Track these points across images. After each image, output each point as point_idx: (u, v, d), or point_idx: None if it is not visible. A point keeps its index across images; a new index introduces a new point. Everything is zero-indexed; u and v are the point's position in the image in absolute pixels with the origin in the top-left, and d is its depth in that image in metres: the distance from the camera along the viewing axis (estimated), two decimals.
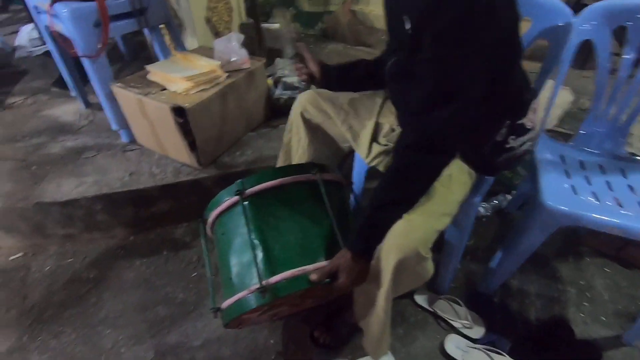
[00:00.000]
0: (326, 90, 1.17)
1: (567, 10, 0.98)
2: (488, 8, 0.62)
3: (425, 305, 1.24)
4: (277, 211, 0.91)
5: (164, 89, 1.38)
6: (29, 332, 1.21)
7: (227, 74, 1.45)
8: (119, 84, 1.39)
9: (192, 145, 1.38)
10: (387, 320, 0.88)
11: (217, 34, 2.12)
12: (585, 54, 1.50)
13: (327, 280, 0.80)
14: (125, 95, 1.39)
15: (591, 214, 0.92)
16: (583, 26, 1.04)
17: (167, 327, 1.22)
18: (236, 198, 0.91)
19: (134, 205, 1.44)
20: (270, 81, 1.66)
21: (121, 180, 1.43)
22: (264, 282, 0.81)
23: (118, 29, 1.44)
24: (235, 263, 0.90)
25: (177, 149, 1.42)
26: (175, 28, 1.71)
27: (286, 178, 0.92)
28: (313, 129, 1.15)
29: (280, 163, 1.29)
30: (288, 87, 1.67)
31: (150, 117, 1.37)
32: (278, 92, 1.66)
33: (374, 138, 1.13)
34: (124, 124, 1.55)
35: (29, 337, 1.20)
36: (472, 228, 1.07)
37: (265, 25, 2.25)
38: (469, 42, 0.64)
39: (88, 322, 1.24)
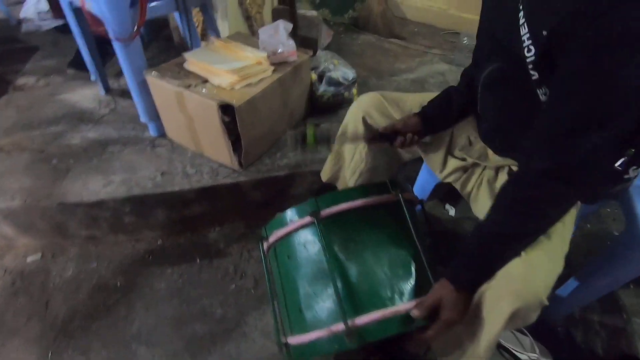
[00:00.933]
0: (391, 93, 1.05)
1: None
2: None
3: None
4: (359, 237, 0.79)
5: (206, 81, 1.24)
6: (53, 348, 1.10)
7: (273, 67, 1.31)
8: (154, 73, 1.24)
9: (234, 145, 1.25)
10: None
11: (248, 18, 1.95)
12: None
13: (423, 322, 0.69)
14: (162, 87, 1.24)
15: None
16: None
17: (207, 346, 1.11)
18: (310, 219, 0.79)
19: (166, 208, 1.32)
20: (314, 76, 1.52)
21: (153, 181, 1.30)
22: (349, 324, 0.70)
23: (155, 10, 1.28)
24: (308, 293, 0.79)
25: (216, 148, 1.29)
26: (212, 11, 1.54)
27: (367, 199, 0.81)
28: None
29: (328, 169, 1.17)
30: (333, 82, 1.53)
31: (190, 112, 1.24)
32: (322, 88, 1.52)
33: (449, 150, 1.02)
34: (154, 115, 1.41)
35: (54, 354, 1.09)
36: None
37: (300, 12, 2.08)
38: None
39: (119, 338, 1.12)
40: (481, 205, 0.91)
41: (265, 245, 0.91)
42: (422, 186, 1.15)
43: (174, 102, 1.25)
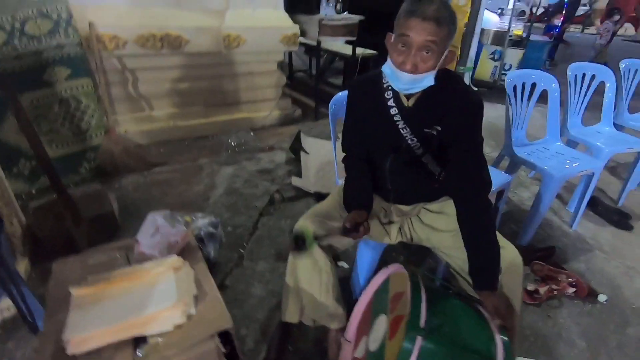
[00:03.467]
0: (312, 210, 1.21)
1: None
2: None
3: None
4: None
5: (137, 343, 0.85)
6: None
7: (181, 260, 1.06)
8: None
9: None
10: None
11: None
12: None
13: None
14: None
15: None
16: None
17: None
18: None
19: None
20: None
21: None
22: None
23: None
24: None
25: None
26: None
27: None
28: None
29: (294, 309, 1.19)
30: (209, 237, 1.39)
31: None
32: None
33: (381, 222, 1.31)
34: None
35: None
36: None
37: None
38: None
39: None
40: (425, 237, 1.26)
41: None
42: (367, 266, 1.36)
43: None
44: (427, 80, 0.94)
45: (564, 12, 6.28)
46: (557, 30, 6.28)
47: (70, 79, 2.02)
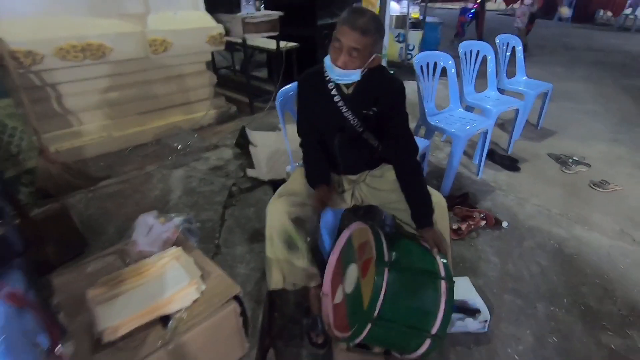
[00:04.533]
0: (282, 188, 1.45)
1: None
2: None
3: None
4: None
5: (163, 322, 1.00)
6: None
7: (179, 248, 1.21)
8: None
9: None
10: None
11: None
12: None
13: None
14: None
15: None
16: None
17: None
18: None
19: None
20: None
21: None
22: None
23: None
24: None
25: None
26: None
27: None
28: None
29: (279, 277, 1.38)
30: None
31: None
32: None
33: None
34: None
35: None
36: None
37: None
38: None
39: None
40: (373, 197, 1.56)
41: None
42: (330, 230, 1.63)
43: None
44: (355, 75, 1.21)
45: None
46: (470, 14, 7.23)
47: None
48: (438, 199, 1.43)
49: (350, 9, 1.17)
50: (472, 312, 1.49)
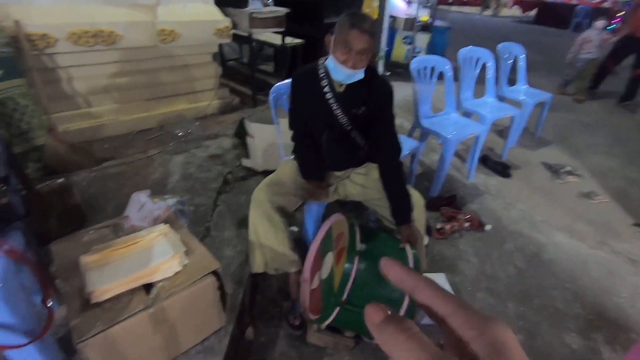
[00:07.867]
0: (269, 178, 1.54)
1: None
2: None
3: None
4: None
5: (147, 289, 1.10)
6: None
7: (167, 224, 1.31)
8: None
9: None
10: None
11: None
12: None
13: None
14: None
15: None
16: None
17: None
18: None
19: None
20: None
21: None
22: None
23: None
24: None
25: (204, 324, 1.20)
26: None
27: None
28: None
29: (261, 260, 1.47)
30: None
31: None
32: None
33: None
34: None
35: None
36: None
37: None
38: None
39: None
40: (356, 194, 1.64)
41: None
42: (314, 221, 1.72)
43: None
44: (360, 74, 1.29)
45: None
46: None
47: (3, 80, 2.02)
48: (416, 198, 1.50)
49: (350, 15, 1.25)
50: None
